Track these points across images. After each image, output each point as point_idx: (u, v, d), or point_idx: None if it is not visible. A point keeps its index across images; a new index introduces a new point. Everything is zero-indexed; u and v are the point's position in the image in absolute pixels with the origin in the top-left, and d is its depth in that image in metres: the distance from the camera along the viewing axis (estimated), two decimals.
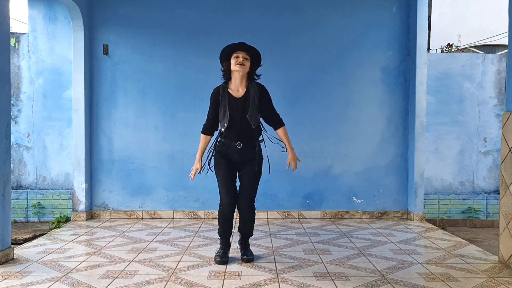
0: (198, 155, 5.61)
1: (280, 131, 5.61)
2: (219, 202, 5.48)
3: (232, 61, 5.30)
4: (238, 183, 5.56)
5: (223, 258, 5.45)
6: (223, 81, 5.53)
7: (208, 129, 5.68)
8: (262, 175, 5.61)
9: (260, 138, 5.58)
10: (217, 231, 5.66)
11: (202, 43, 7.95)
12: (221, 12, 7.98)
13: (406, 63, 8.04)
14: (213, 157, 5.61)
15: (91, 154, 8.06)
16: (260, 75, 5.57)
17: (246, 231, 5.64)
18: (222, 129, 5.41)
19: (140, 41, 8.04)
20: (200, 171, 5.60)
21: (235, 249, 5.83)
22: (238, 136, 5.35)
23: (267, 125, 5.65)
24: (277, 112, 5.58)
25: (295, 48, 8.00)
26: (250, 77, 5.43)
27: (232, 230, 5.69)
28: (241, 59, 5.26)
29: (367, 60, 8.05)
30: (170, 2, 8.00)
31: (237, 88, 5.39)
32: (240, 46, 5.36)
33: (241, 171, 5.51)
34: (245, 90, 5.37)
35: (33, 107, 8.42)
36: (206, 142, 5.67)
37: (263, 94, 5.40)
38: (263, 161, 5.59)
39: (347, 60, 8.04)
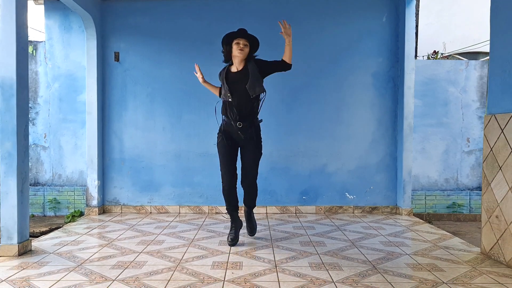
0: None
1: (286, 56, 5.98)
2: (221, 182, 5.82)
3: (234, 46, 5.63)
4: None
5: (233, 240, 5.82)
6: (224, 61, 5.91)
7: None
8: (261, 157, 5.91)
9: (259, 118, 5.80)
10: (224, 213, 5.97)
11: (205, 51, 7.95)
12: (223, 22, 7.96)
13: (395, 69, 8.04)
14: (217, 136, 5.86)
15: (103, 154, 8.06)
16: (257, 55, 5.92)
17: (250, 203, 6.02)
18: (225, 105, 5.71)
19: (149, 49, 8.05)
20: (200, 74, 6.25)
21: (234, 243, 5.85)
22: (238, 113, 5.57)
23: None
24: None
25: (292, 54, 7.99)
26: (248, 59, 5.74)
27: (238, 205, 5.99)
28: (241, 45, 5.60)
29: (359, 66, 8.05)
30: (176, 12, 8.01)
31: (236, 67, 5.73)
32: (241, 34, 5.68)
33: (242, 151, 5.79)
34: (242, 67, 5.70)
35: (50, 110, 8.43)
36: (215, 88, 6.24)
37: (261, 62, 5.77)
38: (261, 141, 5.84)
39: (340, 66, 8.04)
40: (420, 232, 6.64)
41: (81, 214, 8.21)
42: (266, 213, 7.94)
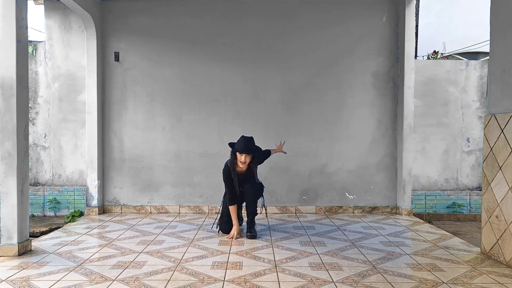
0: (234, 224, 6.36)
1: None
2: (219, 224, 6.58)
3: (238, 156, 6.12)
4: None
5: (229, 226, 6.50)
6: (231, 157, 6.25)
7: (234, 200, 6.33)
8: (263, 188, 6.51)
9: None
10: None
11: (206, 51, 7.97)
12: (223, 22, 7.99)
13: (395, 69, 8.05)
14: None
15: (103, 154, 8.06)
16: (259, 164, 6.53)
17: (252, 212, 6.37)
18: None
19: (149, 49, 8.05)
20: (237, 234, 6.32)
21: (232, 241, 5.85)
22: (244, 176, 6.34)
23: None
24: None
25: (292, 55, 8.00)
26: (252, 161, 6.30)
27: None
28: (243, 159, 6.09)
29: (359, 66, 8.05)
30: (176, 12, 8.01)
31: (241, 169, 6.30)
32: (244, 150, 6.07)
33: (245, 187, 6.35)
34: (246, 167, 6.31)
35: (50, 110, 8.43)
36: (235, 210, 6.36)
37: (258, 160, 6.46)
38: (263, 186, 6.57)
39: (340, 66, 8.04)
40: (420, 232, 6.64)
41: (81, 214, 8.21)
42: (266, 213, 7.93)
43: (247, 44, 7.94)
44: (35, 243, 5.89)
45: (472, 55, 10.01)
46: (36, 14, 9.92)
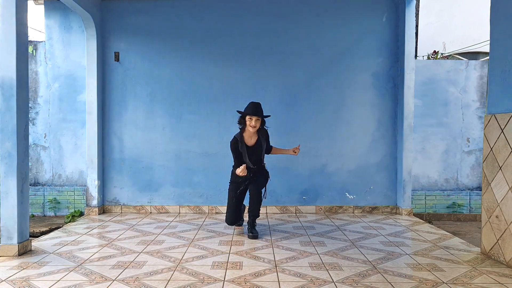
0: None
1: (274, 150, 6.74)
2: (225, 215, 6.63)
3: (247, 122, 6.25)
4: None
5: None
6: (239, 127, 6.43)
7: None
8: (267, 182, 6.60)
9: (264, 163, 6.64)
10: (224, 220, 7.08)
11: (206, 50, 7.98)
12: (223, 21, 7.99)
13: (395, 69, 8.05)
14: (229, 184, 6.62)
15: (103, 153, 8.06)
16: (268, 128, 6.54)
17: (252, 212, 6.40)
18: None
19: (149, 49, 8.05)
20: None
21: (231, 241, 5.85)
22: (250, 170, 6.35)
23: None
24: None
25: (292, 54, 8.00)
26: (259, 131, 6.38)
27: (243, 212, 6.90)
28: (253, 122, 6.20)
29: (359, 66, 8.05)
30: (176, 12, 8.01)
31: (250, 138, 6.38)
32: (253, 112, 6.19)
33: (252, 178, 6.44)
34: (256, 138, 6.41)
35: (50, 110, 8.43)
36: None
37: (267, 139, 6.51)
38: (269, 176, 6.67)
39: (340, 66, 8.04)
40: (420, 232, 6.64)
41: (81, 214, 8.21)
42: (266, 213, 7.94)
43: (247, 44, 7.94)
44: (35, 243, 5.89)
45: (472, 55, 10.01)
46: (36, 14, 9.93)
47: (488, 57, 8.70)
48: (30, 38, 8.60)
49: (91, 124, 7.82)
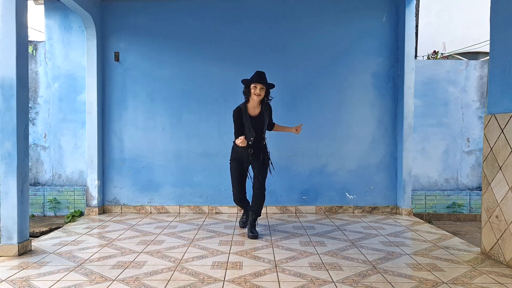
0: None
1: (277, 127, 6.82)
2: (232, 196, 6.68)
3: (252, 89, 6.24)
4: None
5: (246, 222, 6.85)
6: (244, 98, 6.43)
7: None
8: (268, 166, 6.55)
9: (266, 139, 6.58)
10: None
11: (205, 51, 7.98)
12: (223, 22, 7.99)
13: (395, 69, 8.05)
14: (230, 162, 6.58)
15: (103, 153, 8.06)
16: (272, 98, 6.52)
17: (254, 208, 6.44)
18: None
19: (149, 49, 8.05)
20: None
21: (229, 241, 5.86)
22: (252, 144, 6.31)
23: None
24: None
25: (292, 55, 8.01)
26: (264, 98, 6.40)
27: (248, 201, 6.77)
28: (258, 90, 6.21)
29: (359, 66, 8.05)
30: (176, 12, 8.02)
31: (254, 108, 6.38)
32: (258, 80, 6.21)
33: (253, 164, 6.41)
34: (260, 109, 6.41)
35: (50, 110, 8.43)
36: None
37: (271, 113, 6.61)
38: (269, 154, 6.58)
39: (340, 66, 8.04)
40: (420, 232, 6.64)
41: (81, 214, 8.21)
42: (266, 213, 7.94)
43: (247, 44, 7.94)
44: (35, 243, 5.89)
45: (472, 55, 10.01)
46: (36, 14, 9.93)
47: (488, 57, 8.71)
48: (30, 38, 8.58)
49: (91, 124, 7.82)
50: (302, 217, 7.76)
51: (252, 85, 6.23)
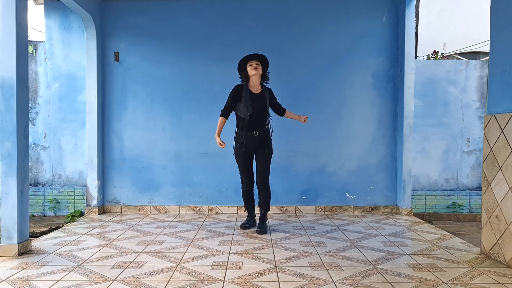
0: (216, 134, 6.53)
1: (288, 114, 6.93)
2: (241, 185, 6.73)
3: (248, 68, 6.42)
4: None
5: (245, 224, 6.85)
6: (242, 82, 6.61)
7: (226, 114, 6.61)
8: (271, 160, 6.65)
9: (271, 125, 6.70)
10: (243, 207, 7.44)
11: (205, 51, 7.98)
12: (223, 22, 8.00)
13: (395, 69, 8.05)
14: (235, 149, 6.62)
15: (103, 153, 8.06)
16: (269, 72, 6.71)
17: (261, 204, 6.59)
18: (244, 121, 6.44)
19: (149, 49, 8.05)
20: (222, 143, 6.46)
21: (226, 241, 5.86)
22: (255, 125, 6.43)
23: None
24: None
25: (292, 55, 8.01)
26: (263, 77, 6.58)
27: (254, 205, 6.92)
28: (254, 65, 6.38)
29: (359, 66, 8.05)
30: (176, 12, 8.02)
31: (255, 86, 6.51)
32: (252, 56, 6.46)
33: (256, 155, 6.57)
34: (260, 89, 6.55)
35: (50, 110, 8.43)
36: (223, 123, 6.59)
37: (272, 95, 6.76)
38: (271, 142, 6.69)
39: (340, 66, 8.04)
40: (420, 232, 6.65)
41: (81, 214, 8.21)
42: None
43: (247, 44, 7.92)
44: (35, 243, 5.89)
45: (472, 55, 10.01)
46: (36, 14, 9.93)
47: (488, 57, 8.71)
48: (30, 38, 8.59)
49: (91, 124, 7.82)
50: (302, 217, 7.76)
51: (248, 64, 6.44)
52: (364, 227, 6.99)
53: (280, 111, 6.85)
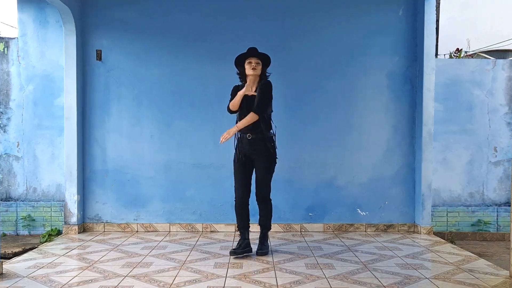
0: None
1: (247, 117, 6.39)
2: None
3: (246, 66, 6.40)
4: None
5: (235, 249, 6.39)
6: (241, 81, 6.65)
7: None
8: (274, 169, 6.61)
9: (272, 132, 6.55)
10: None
11: (200, 49, 8.01)
12: (220, 17, 8.02)
13: (413, 69, 8.08)
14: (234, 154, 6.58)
15: (83, 164, 8.08)
16: (270, 74, 6.60)
17: (262, 222, 6.56)
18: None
19: (135, 46, 8.08)
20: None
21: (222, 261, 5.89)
22: (248, 127, 6.30)
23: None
24: (262, 104, 6.34)
25: (296, 53, 8.04)
26: (262, 77, 6.49)
27: (249, 224, 6.58)
28: (253, 64, 6.34)
29: (372, 66, 8.08)
30: (167, 5, 8.05)
31: (251, 87, 6.42)
32: (252, 53, 6.40)
33: (255, 163, 6.48)
34: (255, 88, 6.43)
35: (23, 115, 8.46)
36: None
37: (261, 92, 6.35)
38: (276, 157, 6.59)
39: (351, 66, 8.07)
40: (441, 253, 6.67)
41: (59, 232, 8.22)
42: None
43: (246, 42, 7.90)
44: (7, 266, 5.91)
45: (500, 54, 10.07)
46: (8, 7, 9.98)
47: None
48: (1, 35, 8.64)
49: (69, 131, 7.84)
50: (308, 236, 7.78)
51: (247, 61, 6.41)
52: (378, 247, 7.00)
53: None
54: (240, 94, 6.33)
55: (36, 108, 8.44)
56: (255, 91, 6.39)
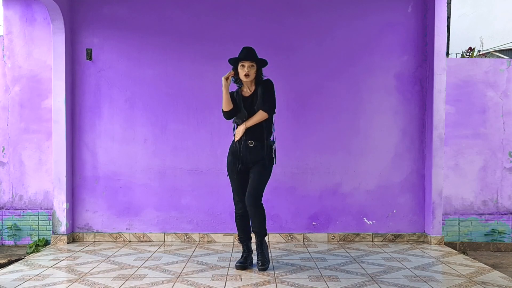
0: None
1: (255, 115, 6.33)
2: (234, 207, 6.50)
3: (239, 70, 6.28)
4: None
5: (242, 263, 6.40)
6: (236, 85, 6.53)
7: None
8: (269, 178, 6.44)
9: (272, 140, 6.46)
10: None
11: (196, 48, 8.03)
12: (218, 14, 8.05)
13: (422, 69, 8.10)
14: (227, 162, 6.54)
15: (73, 170, 8.10)
16: (264, 76, 6.45)
17: (256, 229, 6.37)
18: (236, 128, 6.41)
19: (128, 45, 8.11)
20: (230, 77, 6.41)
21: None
22: (251, 132, 6.26)
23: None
24: (269, 101, 6.30)
25: (299, 53, 8.06)
26: (258, 79, 6.39)
27: (251, 235, 6.53)
28: (246, 69, 6.21)
29: (379, 65, 8.11)
30: (162, 2, 8.07)
31: (247, 88, 6.42)
32: (245, 57, 6.27)
33: (250, 172, 6.36)
34: (253, 89, 6.39)
35: (9, 118, 8.46)
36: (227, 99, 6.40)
37: (264, 88, 6.32)
38: (274, 163, 6.48)
39: (357, 66, 8.10)
40: (452, 264, 6.69)
41: (47, 243, 8.23)
42: (268, 241, 7.95)
43: (245, 40, 7.92)
44: None
45: None
46: None
47: None
48: None
49: (58, 135, 7.86)
50: (311, 246, 7.80)
51: (239, 64, 6.31)
52: (385, 258, 7.02)
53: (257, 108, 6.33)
54: (225, 85, 6.30)
55: (22, 110, 8.44)
56: (254, 90, 6.38)
